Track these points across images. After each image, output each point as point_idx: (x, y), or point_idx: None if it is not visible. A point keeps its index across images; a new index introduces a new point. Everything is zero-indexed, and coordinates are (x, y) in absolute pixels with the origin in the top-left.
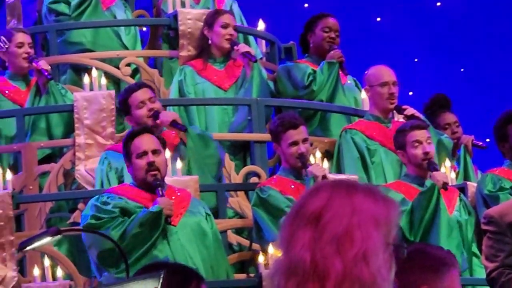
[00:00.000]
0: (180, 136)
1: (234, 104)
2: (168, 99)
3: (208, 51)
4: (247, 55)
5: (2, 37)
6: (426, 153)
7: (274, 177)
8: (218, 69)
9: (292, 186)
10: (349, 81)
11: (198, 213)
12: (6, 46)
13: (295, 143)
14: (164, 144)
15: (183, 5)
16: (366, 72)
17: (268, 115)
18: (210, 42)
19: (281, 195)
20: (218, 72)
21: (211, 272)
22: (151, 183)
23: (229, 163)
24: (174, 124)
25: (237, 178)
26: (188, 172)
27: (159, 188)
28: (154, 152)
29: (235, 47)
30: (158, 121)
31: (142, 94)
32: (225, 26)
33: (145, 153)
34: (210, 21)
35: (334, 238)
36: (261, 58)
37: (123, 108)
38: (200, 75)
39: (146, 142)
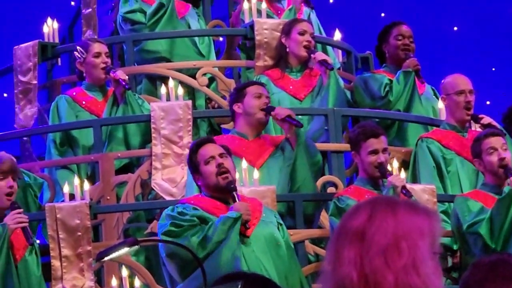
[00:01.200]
0: (289, 136)
1: (311, 114)
2: None
3: (285, 60)
4: (324, 63)
5: (79, 48)
6: (501, 159)
7: (351, 186)
8: (294, 79)
9: (369, 196)
10: (427, 90)
11: (270, 223)
12: (83, 57)
13: (375, 152)
14: (229, 152)
15: (259, 14)
16: (442, 81)
17: (344, 125)
18: (287, 50)
19: None
20: (294, 82)
21: (285, 283)
22: (225, 187)
23: None
24: (289, 119)
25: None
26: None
27: (235, 192)
28: (221, 155)
29: (312, 55)
30: (273, 113)
31: (261, 89)
32: (302, 33)
33: (212, 157)
34: (288, 28)
35: (381, 250)
36: (338, 68)
37: (237, 94)
38: (276, 85)
39: (212, 148)
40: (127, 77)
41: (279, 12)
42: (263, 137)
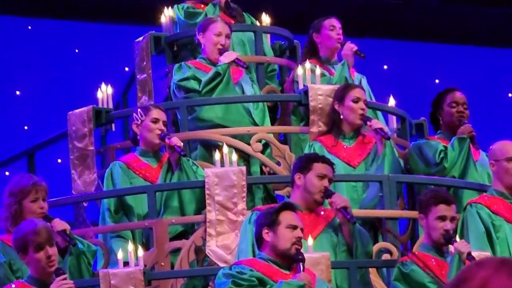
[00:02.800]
0: (341, 223)
1: (366, 180)
2: None
3: (338, 126)
4: (380, 131)
5: (139, 110)
6: None
7: (416, 252)
8: (347, 146)
9: (433, 262)
10: (482, 157)
11: None
12: (142, 119)
13: (443, 218)
14: None
15: (313, 79)
16: (491, 147)
17: (399, 192)
18: (341, 117)
19: (422, 271)
20: (347, 149)
21: None
22: (293, 257)
23: None
24: (344, 211)
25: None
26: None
27: (301, 263)
28: (302, 230)
29: (368, 123)
30: (329, 200)
31: (327, 169)
32: (356, 101)
33: (295, 227)
34: (341, 95)
35: None
36: (392, 134)
37: (302, 165)
38: (330, 152)
39: (297, 218)
40: (182, 143)
41: (332, 74)
42: (316, 211)
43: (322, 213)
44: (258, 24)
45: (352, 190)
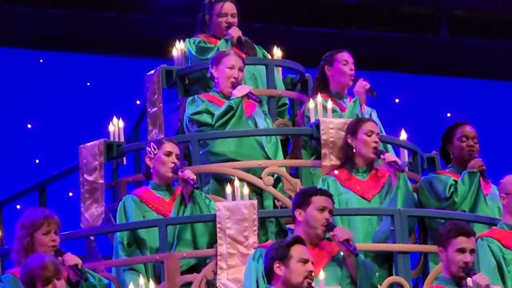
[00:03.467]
0: (345, 256)
1: (377, 214)
2: None
3: (351, 160)
4: (393, 164)
5: (152, 144)
6: None
7: (434, 286)
8: (361, 179)
9: None
10: (492, 191)
11: None
12: (155, 152)
13: (463, 250)
14: None
15: (325, 113)
16: (502, 180)
17: (412, 226)
18: (354, 150)
19: None
20: (361, 182)
21: None
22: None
23: None
24: (347, 243)
25: None
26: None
27: None
28: (312, 263)
29: (382, 156)
30: (331, 234)
31: (327, 201)
32: (369, 134)
33: (307, 261)
34: (353, 129)
35: None
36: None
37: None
38: (344, 186)
39: (308, 252)
40: (195, 176)
41: (342, 110)
42: (320, 245)
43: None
44: (269, 57)
45: (367, 223)
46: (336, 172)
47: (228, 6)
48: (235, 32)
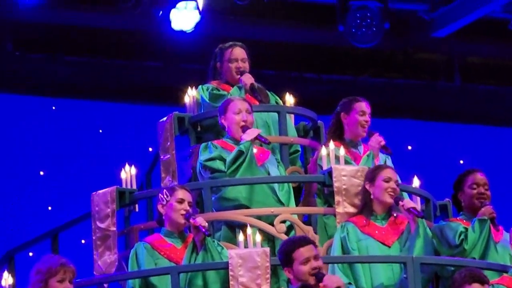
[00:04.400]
0: None
1: (390, 262)
2: (331, 256)
3: (369, 206)
4: (412, 210)
5: (165, 190)
6: None
7: None
8: (380, 226)
9: None
10: (503, 238)
11: None
12: (167, 199)
13: None
14: None
15: (337, 160)
16: None
17: (430, 275)
18: (372, 197)
19: None
20: (380, 228)
21: None
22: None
23: None
24: None
25: None
26: None
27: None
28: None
29: (400, 202)
30: (321, 285)
31: (308, 251)
32: (387, 180)
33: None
34: (372, 175)
35: None
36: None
37: (285, 259)
38: (363, 231)
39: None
40: (207, 224)
41: (356, 158)
42: None
43: None
44: (282, 103)
45: (388, 268)
46: (354, 218)
47: (238, 51)
48: (248, 79)
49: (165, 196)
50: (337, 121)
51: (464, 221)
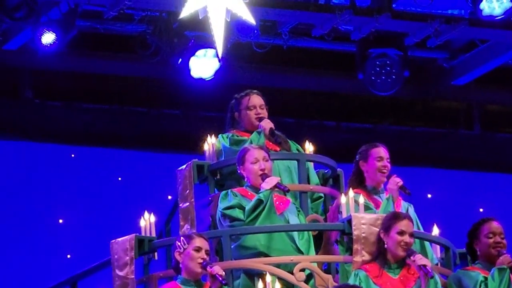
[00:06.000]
0: None
1: None
2: None
3: (384, 255)
4: (423, 268)
5: (182, 238)
6: None
7: None
8: (392, 277)
9: None
10: None
11: None
12: (184, 247)
13: None
14: None
15: (357, 208)
16: None
17: None
18: (386, 246)
19: None
20: (392, 280)
21: None
22: None
23: None
24: None
25: None
26: None
27: None
28: None
29: (412, 257)
30: None
31: None
32: (401, 233)
33: None
34: (387, 225)
35: None
36: (436, 264)
37: None
38: (375, 282)
39: None
40: (224, 272)
41: (378, 205)
42: None
43: None
44: (302, 151)
45: None
46: (367, 266)
47: (255, 98)
48: (267, 124)
49: (182, 244)
50: (357, 169)
51: (481, 269)
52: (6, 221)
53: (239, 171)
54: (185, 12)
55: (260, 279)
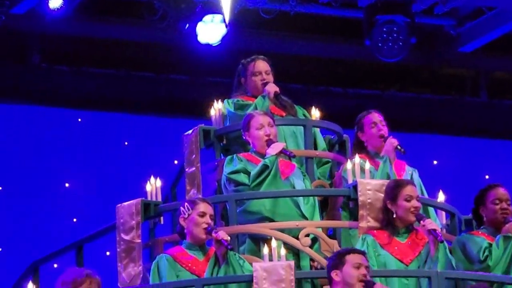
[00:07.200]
0: None
1: (414, 276)
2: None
3: (392, 224)
4: (433, 233)
5: (186, 204)
6: None
7: None
8: (400, 242)
9: None
10: None
11: None
12: (188, 213)
13: None
14: None
15: (362, 172)
16: None
17: None
18: (394, 215)
19: None
20: (400, 245)
21: None
22: None
23: None
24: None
25: None
26: None
27: None
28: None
29: (422, 222)
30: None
31: (361, 258)
32: (408, 199)
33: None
34: (393, 194)
35: None
36: (441, 229)
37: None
38: (383, 248)
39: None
40: (229, 237)
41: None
42: None
43: None
44: (309, 117)
45: (404, 287)
46: (375, 232)
47: (261, 64)
48: (272, 88)
49: (186, 210)
50: (357, 140)
51: (486, 235)
52: (13, 185)
53: (244, 137)
54: None
55: (265, 244)
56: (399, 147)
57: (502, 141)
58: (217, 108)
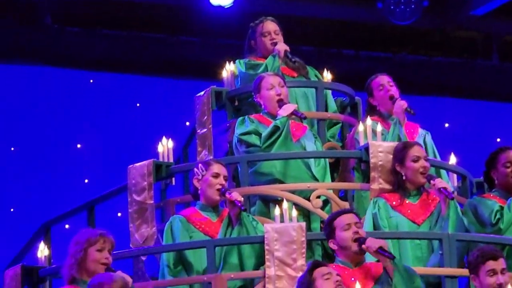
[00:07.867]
0: (385, 265)
1: (425, 238)
2: (366, 232)
3: (403, 186)
4: (443, 191)
5: (200, 165)
6: None
7: None
8: (412, 203)
9: None
10: None
11: None
12: (203, 174)
13: (493, 272)
14: None
15: (374, 135)
16: None
17: (463, 253)
18: (404, 178)
19: None
20: (412, 207)
21: None
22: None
23: None
24: (381, 251)
25: None
26: None
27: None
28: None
29: (432, 181)
30: (364, 246)
31: (349, 218)
32: (416, 160)
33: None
34: (400, 156)
35: None
36: (452, 192)
37: (328, 230)
38: (394, 209)
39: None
40: (242, 198)
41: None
42: (364, 267)
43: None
44: (321, 78)
45: (417, 247)
46: (387, 195)
47: (269, 24)
48: (282, 47)
49: (200, 171)
50: (369, 105)
51: (498, 198)
52: (25, 145)
53: (255, 99)
54: None
55: (276, 205)
56: (408, 109)
57: None
58: (229, 69)
